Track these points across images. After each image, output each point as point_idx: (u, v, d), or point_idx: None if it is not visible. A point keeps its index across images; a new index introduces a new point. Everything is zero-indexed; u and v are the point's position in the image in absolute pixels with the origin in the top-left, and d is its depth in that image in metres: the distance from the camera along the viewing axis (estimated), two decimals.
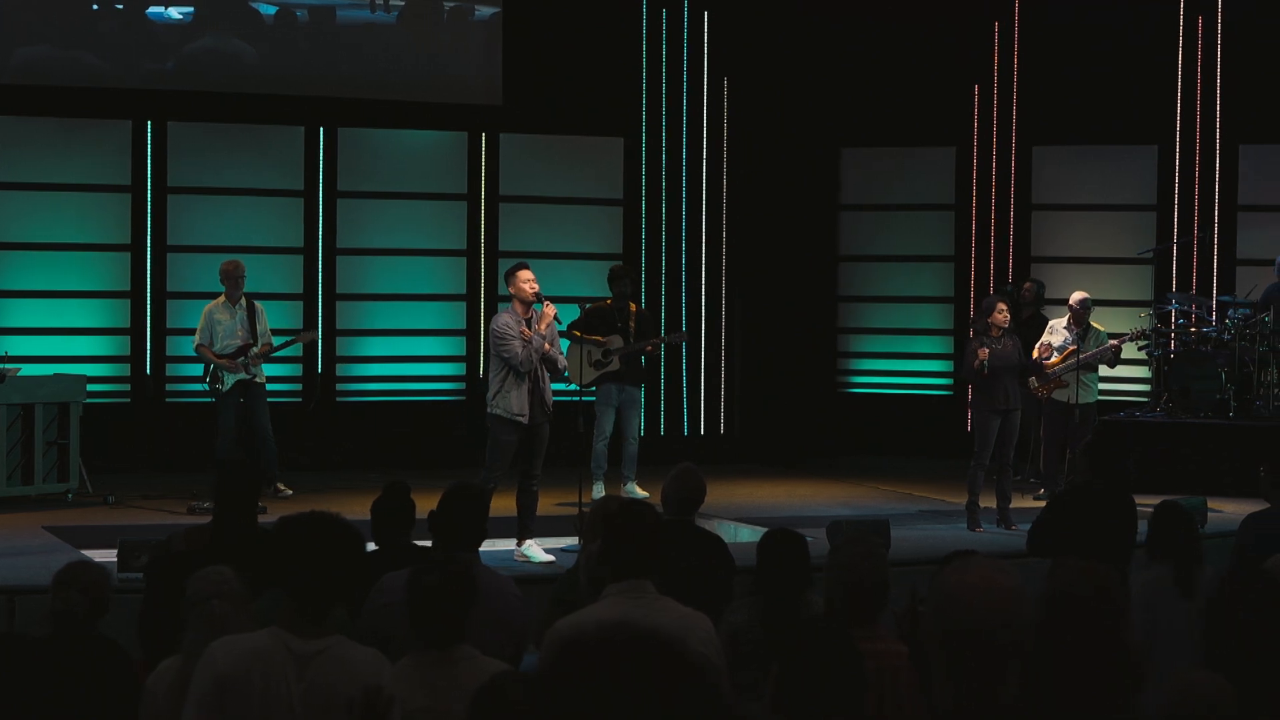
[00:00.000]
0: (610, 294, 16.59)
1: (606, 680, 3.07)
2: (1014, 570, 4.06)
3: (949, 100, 20.64)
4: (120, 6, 18.47)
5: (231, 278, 16.39)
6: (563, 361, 13.30)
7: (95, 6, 18.37)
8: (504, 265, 18.79)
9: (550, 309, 12.95)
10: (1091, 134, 20.16)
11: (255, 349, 16.27)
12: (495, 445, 12.97)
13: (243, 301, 16.41)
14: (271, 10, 18.97)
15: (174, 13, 18.63)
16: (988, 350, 14.76)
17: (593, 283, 18.06)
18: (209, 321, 16.31)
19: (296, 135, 19.11)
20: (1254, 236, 19.67)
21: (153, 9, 18.53)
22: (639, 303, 17.62)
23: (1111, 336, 16.75)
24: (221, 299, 16.41)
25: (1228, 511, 14.29)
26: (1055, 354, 16.26)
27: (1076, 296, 16.58)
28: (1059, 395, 16.28)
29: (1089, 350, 16.34)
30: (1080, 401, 16.27)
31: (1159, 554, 8.56)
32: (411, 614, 6.03)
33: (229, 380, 16.18)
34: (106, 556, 11.87)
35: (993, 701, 3.89)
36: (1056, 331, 16.44)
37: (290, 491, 16.14)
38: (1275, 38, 19.38)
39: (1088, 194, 20.38)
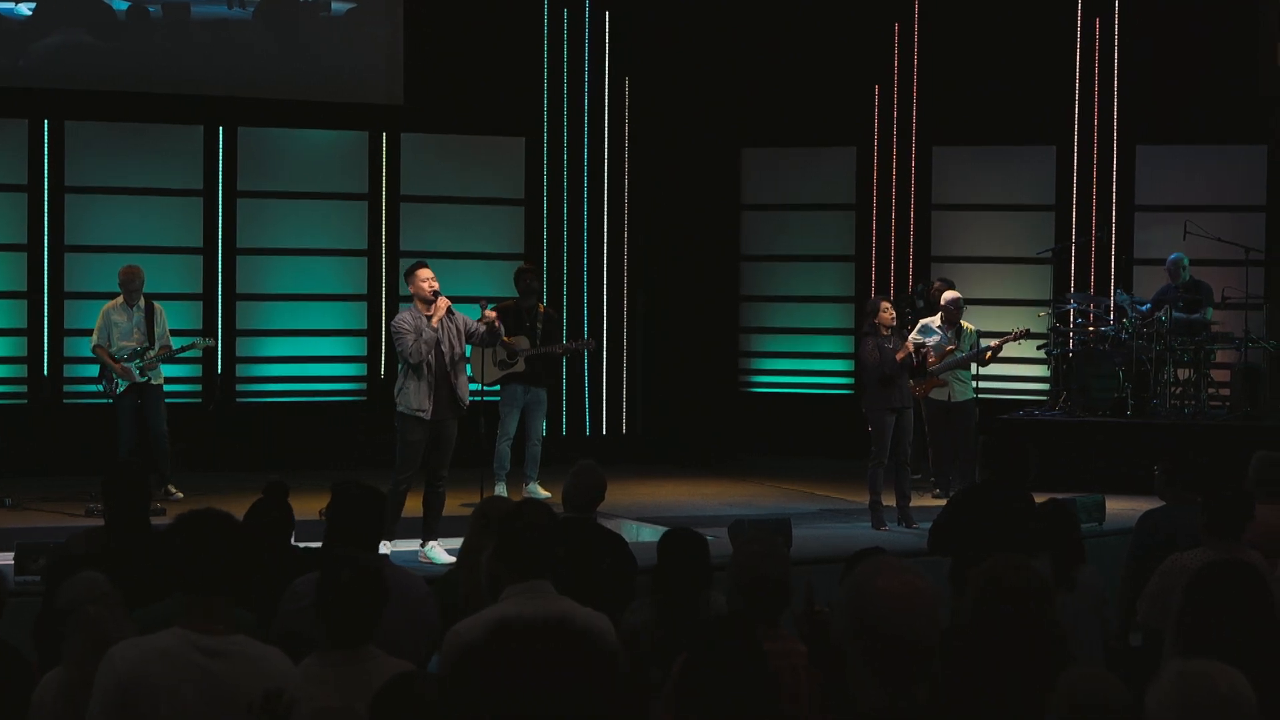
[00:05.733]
0: (516, 293, 16.55)
1: (526, 670, 3.06)
2: (922, 572, 4.09)
3: (849, 101, 20.72)
4: None
5: (126, 287, 16.11)
6: (481, 327, 13.31)
7: None
8: (405, 265, 18.78)
9: (443, 301, 12.90)
10: (991, 135, 20.30)
11: (153, 352, 16.03)
12: (402, 444, 12.92)
13: (141, 303, 16.14)
14: (124, 6, 18.69)
15: (23, 9, 18.34)
16: (921, 342, 14.93)
17: (495, 283, 18.04)
18: (106, 322, 16.03)
19: (195, 134, 18.97)
20: (1150, 237, 19.85)
21: (2, 5, 18.23)
22: (544, 302, 17.60)
23: (996, 336, 16.88)
24: (119, 300, 16.13)
25: (1125, 509, 14.41)
26: (933, 353, 16.31)
27: (948, 296, 16.67)
28: (937, 394, 16.36)
29: (965, 349, 16.44)
30: (956, 399, 16.42)
31: (1037, 549, 8.65)
32: (322, 612, 5.95)
33: (121, 384, 15.91)
34: (3, 560, 11.75)
35: (913, 702, 3.92)
36: (930, 331, 16.47)
37: (180, 494, 15.89)
38: (1171, 40, 19.56)
39: (987, 194, 20.52)
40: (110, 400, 16.09)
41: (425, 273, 13.05)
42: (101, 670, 5.35)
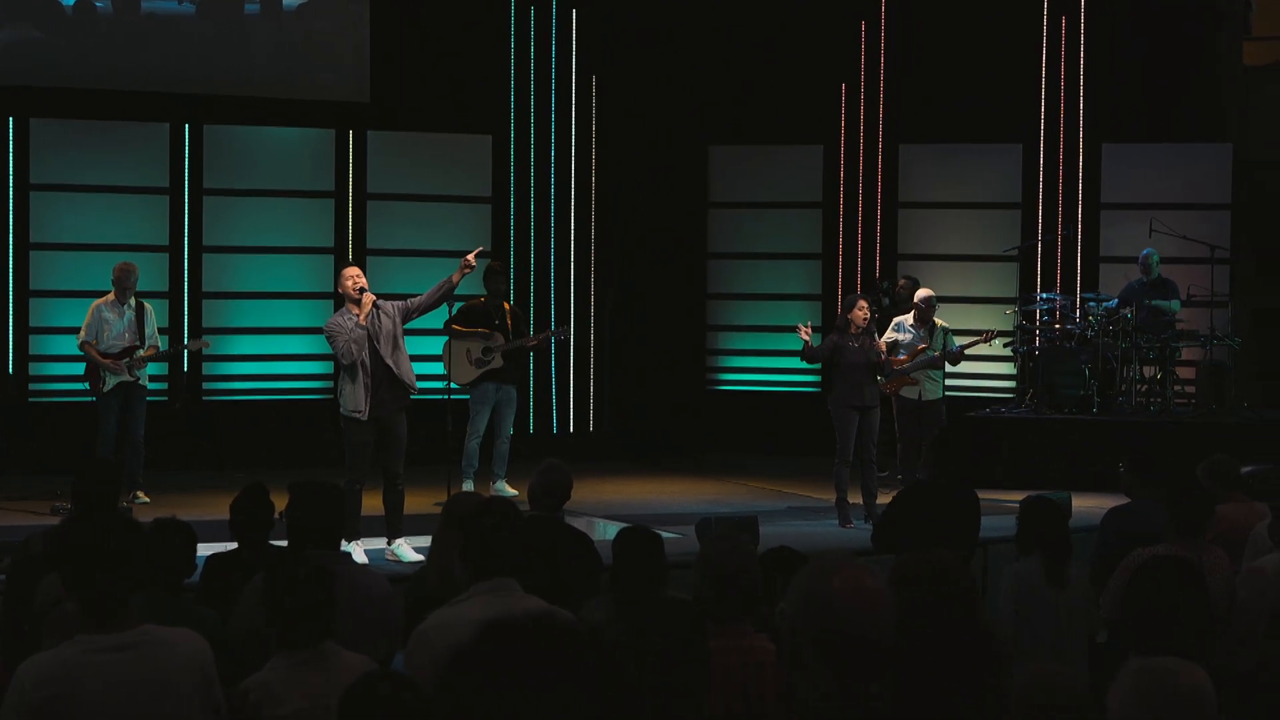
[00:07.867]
0: (485, 291, 16.52)
1: (533, 672, 3.04)
2: (876, 569, 4.09)
3: (817, 98, 20.74)
4: None
5: (120, 284, 15.81)
6: (437, 292, 13.19)
7: None
8: (372, 263, 18.77)
9: (368, 298, 12.81)
10: (957, 132, 20.33)
11: (141, 351, 15.83)
12: (348, 444, 12.90)
13: (132, 302, 15.89)
14: (69, 1, 18.59)
15: None
16: (807, 329, 15.11)
17: (463, 281, 17.99)
18: (96, 319, 15.73)
19: (161, 132, 18.91)
20: (1116, 235, 19.90)
21: None
22: (510, 301, 17.59)
23: (966, 333, 16.87)
24: (110, 296, 15.85)
25: (1091, 506, 14.44)
26: (904, 352, 16.31)
27: (921, 294, 16.66)
28: (908, 393, 16.35)
29: (937, 348, 16.44)
30: (927, 398, 16.42)
31: (1027, 547, 8.70)
32: (272, 612, 5.95)
33: (110, 381, 15.71)
34: None
35: (867, 699, 3.91)
36: (903, 329, 16.47)
37: (148, 499, 15.70)
38: (1136, 39, 19.62)
39: (954, 192, 20.54)
40: (95, 399, 15.89)
41: (349, 271, 13.03)
42: (10, 691, 5.33)
